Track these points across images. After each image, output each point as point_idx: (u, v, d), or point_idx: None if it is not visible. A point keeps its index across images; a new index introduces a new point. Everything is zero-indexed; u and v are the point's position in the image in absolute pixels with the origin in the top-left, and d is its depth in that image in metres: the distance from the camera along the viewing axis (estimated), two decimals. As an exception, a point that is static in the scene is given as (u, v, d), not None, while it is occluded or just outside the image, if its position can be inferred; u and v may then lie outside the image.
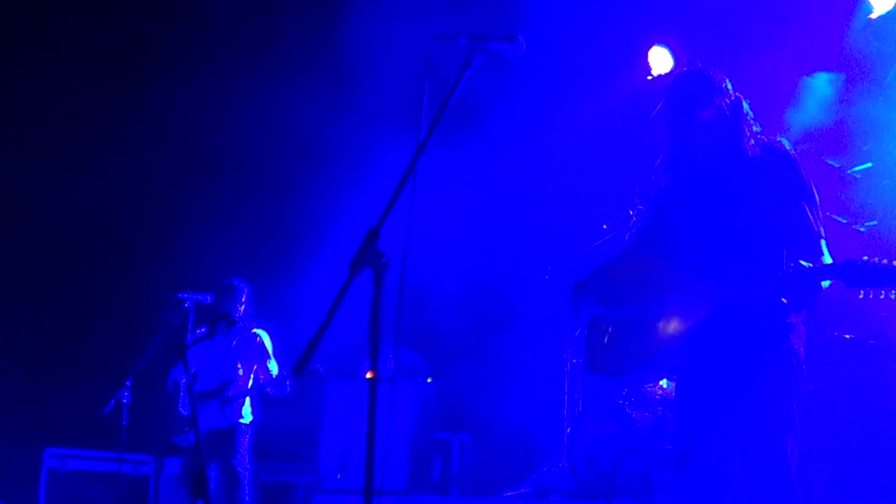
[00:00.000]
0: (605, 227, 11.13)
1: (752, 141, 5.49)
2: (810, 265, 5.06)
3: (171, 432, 11.06)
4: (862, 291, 4.88)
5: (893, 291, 4.83)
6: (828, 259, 5.22)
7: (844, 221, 11.38)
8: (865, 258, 4.85)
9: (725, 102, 5.48)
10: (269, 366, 10.48)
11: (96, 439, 11.95)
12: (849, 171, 11.60)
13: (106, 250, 13.87)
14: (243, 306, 10.63)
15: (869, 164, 11.50)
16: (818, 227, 5.29)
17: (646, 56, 12.50)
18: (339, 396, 12.61)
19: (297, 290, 12.63)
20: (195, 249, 13.29)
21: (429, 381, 13.27)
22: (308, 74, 13.25)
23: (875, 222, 11.42)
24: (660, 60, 12.40)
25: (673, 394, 6.09)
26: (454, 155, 11.82)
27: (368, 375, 3.92)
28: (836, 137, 11.42)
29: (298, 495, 12.83)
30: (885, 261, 4.84)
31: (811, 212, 5.30)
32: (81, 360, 13.29)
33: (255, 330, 10.67)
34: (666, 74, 12.19)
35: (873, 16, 11.12)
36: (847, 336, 11.03)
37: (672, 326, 5.29)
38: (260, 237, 13.95)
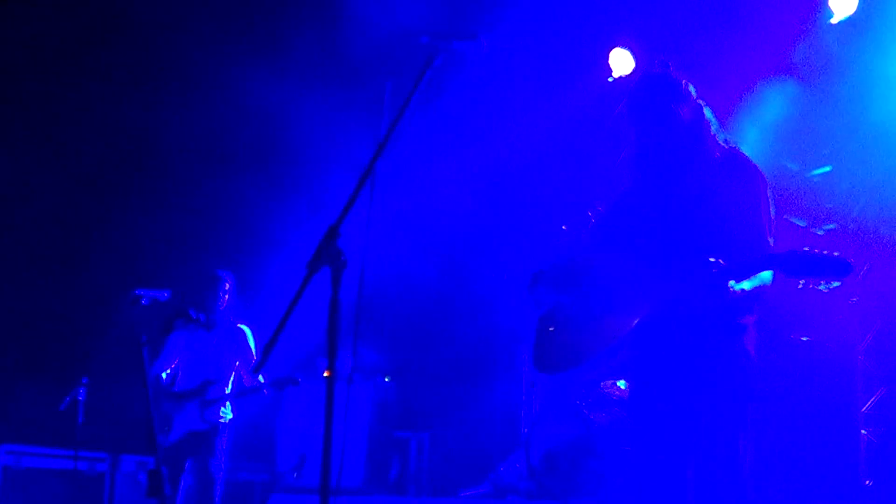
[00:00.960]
0: (564, 227, 11.16)
1: (715, 147, 5.50)
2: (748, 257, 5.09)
3: (128, 430, 11.01)
4: (801, 281, 4.90)
5: (834, 282, 4.85)
6: (767, 274, 5.23)
7: (803, 224, 11.43)
8: (806, 248, 4.87)
9: (688, 107, 5.49)
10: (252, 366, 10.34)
11: (52, 436, 11.87)
12: (808, 175, 11.66)
13: (62, 246, 13.76)
14: (227, 297, 10.45)
15: (828, 168, 11.56)
16: (768, 241, 5.30)
17: (607, 58, 12.53)
18: (297, 395, 12.59)
19: (258, 286, 12.57)
20: (153, 245, 13.22)
21: (387, 379, 13.27)
22: (271, 70, 13.19)
23: (833, 226, 11.48)
24: (621, 62, 12.43)
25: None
26: (414, 154, 11.83)
27: (326, 374, 3.89)
28: (795, 141, 11.47)
29: (255, 494, 12.79)
30: (825, 251, 4.86)
31: (765, 226, 5.32)
32: (37, 356, 13.20)
33: (239, 325, 10.50)
34: (627, 76, 12.23)
35: (834, 20, 11.18)
36: (804, 339, 11.09)
37: (617, 322, 5.30)
38: (220, 233, 13.87)
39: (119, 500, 12.19)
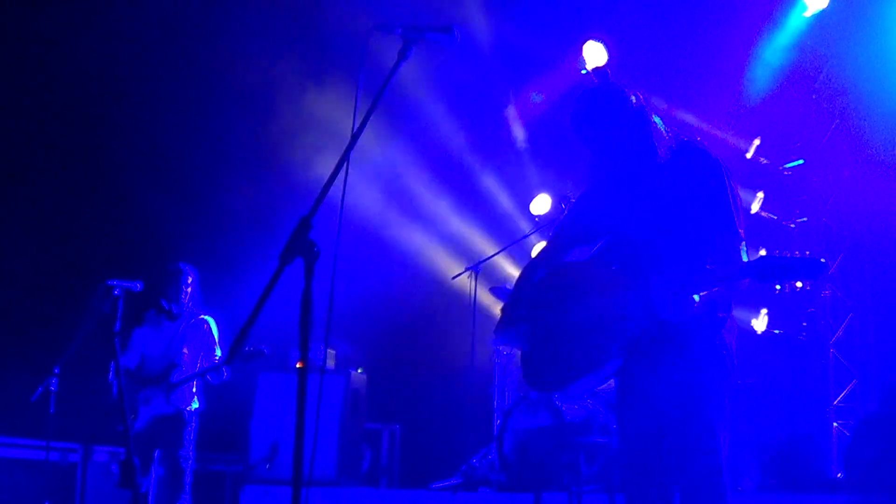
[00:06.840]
0: (536, 219, 11.18)
1: (663, 149, 5.49)
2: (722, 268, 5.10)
3: (100, 420, 10.98)
4: (777, 286, 4.92)
5: (808, 282, 4.88)
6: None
7: (775, 218, 11.48)
8: (776, 253, 4.89)
9: (633, 115, 5.48)
10: (214, 353, 10.38)
11: (23, 427, 11.84)
12: (780, 168, 11.71)
13: (33, 235, 13.70)
14: (190, 290, 10.50)
15: (800, 161, 11.62)
16: (737, 230, 5.31)
17: (580, 50, 12.55)
18: (269, 386, 12.58)
19: (234, 277, 12.54)
20: (126, 235, 13.18)
21: (359, 371, 13.26)
22: (244, 62, 13.15)
23: (805, 219, 11.54)
24: (594, 55, 12.45)
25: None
26: (388, 145, 11.82)
27: (298, 365, 3.88)
28: (767, 135, 11.53)
29: (227, 485, 12.77)
30: (796, 253, 4.88)
31: (732, 213, 5.32)
32: (8, 346, 13.14)
33: (202, 316, 10.55)
34: (596, 70, 12.25)
35: (807, 13, 11.23)
36: (776, 332, 11.13)
37: (604, 330, 5.29)
38: (191, 223, 13.82)
39: (91, 491, 12.16)
